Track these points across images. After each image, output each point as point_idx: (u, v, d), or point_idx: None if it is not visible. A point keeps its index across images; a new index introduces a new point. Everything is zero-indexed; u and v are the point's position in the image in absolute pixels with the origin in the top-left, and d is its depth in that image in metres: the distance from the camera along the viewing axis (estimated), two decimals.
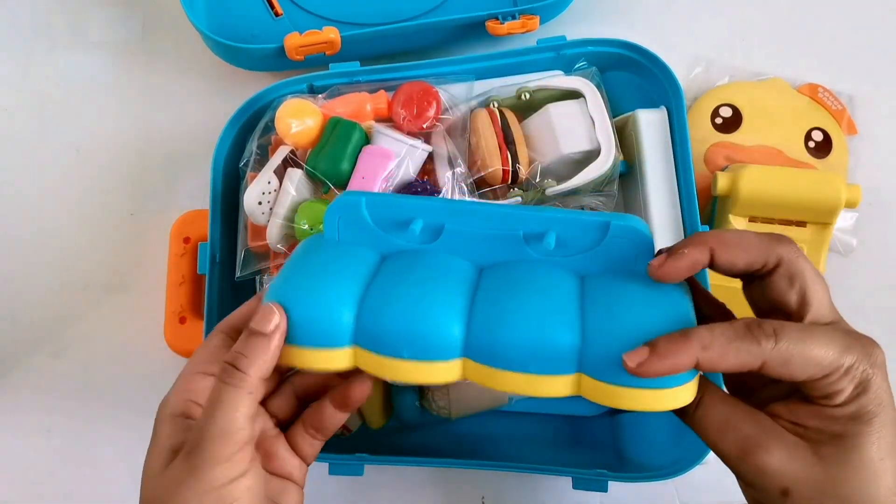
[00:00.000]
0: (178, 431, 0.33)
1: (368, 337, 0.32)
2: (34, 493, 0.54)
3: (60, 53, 0.62)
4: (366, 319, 0.32)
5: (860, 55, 0.62)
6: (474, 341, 0.32)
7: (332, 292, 0.33)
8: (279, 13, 0.61)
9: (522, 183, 0.49)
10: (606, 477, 0.47)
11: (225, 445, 0.31)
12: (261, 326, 0.32)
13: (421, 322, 0.32)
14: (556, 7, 0.59)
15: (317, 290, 0.33)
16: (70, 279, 0.58)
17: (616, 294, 0.32)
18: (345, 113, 0.49)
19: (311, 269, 0.34)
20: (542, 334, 0.31)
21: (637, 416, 0.52)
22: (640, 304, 0.31)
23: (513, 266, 0.34)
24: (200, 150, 0.57)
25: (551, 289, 0.33)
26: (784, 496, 0.29)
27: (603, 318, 0.31)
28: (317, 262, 0.35)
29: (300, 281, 0.34)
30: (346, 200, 0.36)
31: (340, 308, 0.32)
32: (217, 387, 0.32)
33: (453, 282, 0.34)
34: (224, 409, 0.31)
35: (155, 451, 0.33)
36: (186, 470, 0.31)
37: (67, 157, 0.60)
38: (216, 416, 0.31)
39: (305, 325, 0.32)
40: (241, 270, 0.48)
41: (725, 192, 0.53)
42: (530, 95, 0.51)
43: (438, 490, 0.54)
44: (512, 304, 0.32)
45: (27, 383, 0.56)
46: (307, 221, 0.46)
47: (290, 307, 0.32)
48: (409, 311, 0.32)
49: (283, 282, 0.34)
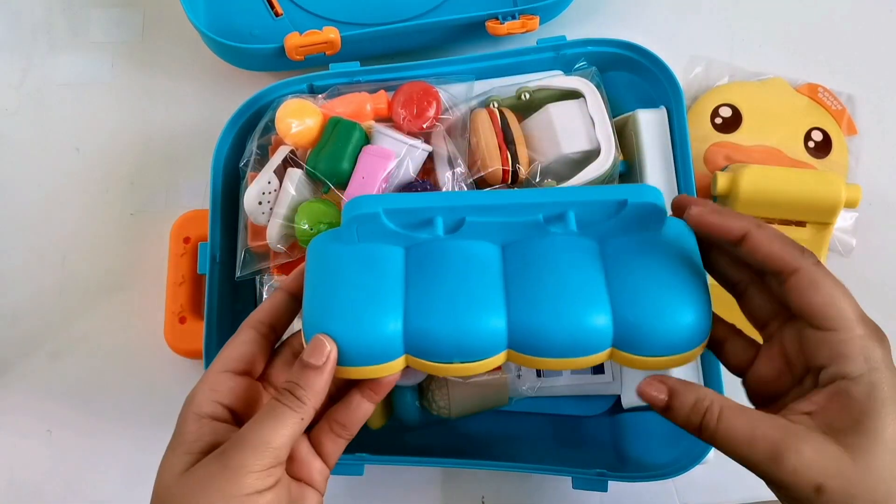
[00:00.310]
0: (205, 433, 0.33)
1: (418, 350, 0.34)
2: (34, 493, 0.54)
3: (60, 53, 0.62)
4: (413, 334, 0.34)
5: (860, 55, 0.62)
6: (516, 336, 0.34)
7: (378, 314, 0.34)
8: (279, 13, 0.61)
9: (522, 183, 0.49)
10: (606, 477, 0.47)
11: (263, 457, 0.31)
12: (314, 360, 0.33)
13: (468, 332, 0.33)
14: (555, 7, 0.59)
15: (361, 313, 0.33)
16: (70, 279, 0.58)
17: (637, 268, 0.34)
18: (345, 113, 0.49)
19: (348, 287, 0.34)
20: (579, 325, 0.33)
21: (637, 416, 0.52)
22: (660, 278, 0.34)
23: (537, 248, 0.35)
24: (200, 150, 0.57)
25: (578, 269, 0.34)
26: (818, 493, 0.29)
27: (629, 299, 0.34)
28: (351, 279, 0.34)
29: (341, 304, 0.34)
30: (363, 213, 0.34)
31: (388, 329, 0.33)
32: (272, 403, 0.33)
33: (487, 276, 0.35)
34: (274, 424, 0.32)
35: (179, 449, 0.33)
36: (218, 471, 0.31)
37: (67, 157, 0.60)
38: (264, 426, 0.32)
39: (356, 349, 0.33)
40: (241, 270, 0.48)
41: (725, 191, 0.53)
42: (530, 95, 0.51)
43: (438, 490, 0.54)
44: (545, 294, 0.34)
45: (27, 383, 0.56)
46: (307, 221, 0.46)
47: (339, 335, 0.33)
48: (454, 322, 0.33)
49: (322, 306, 0.34)
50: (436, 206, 0.35)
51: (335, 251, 0.35)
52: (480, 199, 0.35)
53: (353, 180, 0.47)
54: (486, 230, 0.35)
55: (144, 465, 0.54)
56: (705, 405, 0.31)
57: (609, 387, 0.52)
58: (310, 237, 0.46)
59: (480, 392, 0.48)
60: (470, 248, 0.35)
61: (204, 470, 0.31)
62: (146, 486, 0.54)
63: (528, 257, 0.35)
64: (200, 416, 0.33)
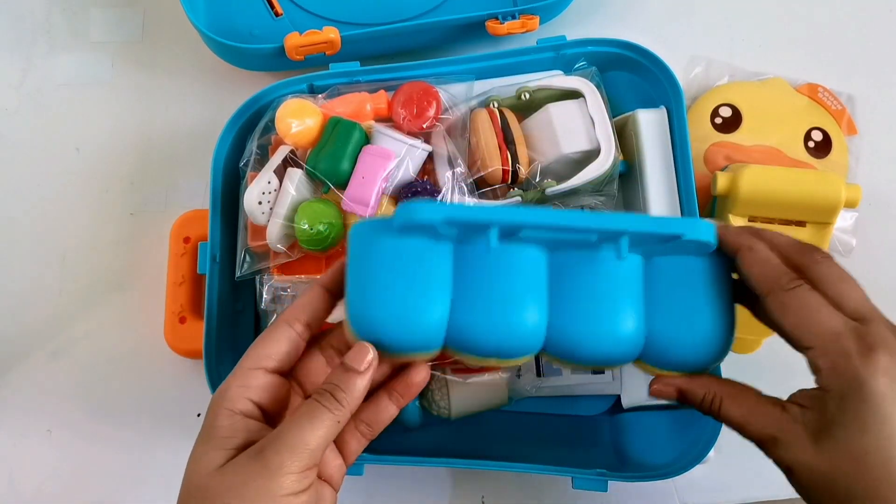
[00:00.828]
0: (238, 429, 0.33)
1: (458, 343, 0.35)
2: (34, 493, 0.54)
3: (60, 53, 0.62)
4: (456, 328, 0.35)
5: (860, 55, 0.62)
6: (552, 341, 0.36)
7: (426, 305, 0.35)
8: (279, 13, 0.61)
9: (522, 183, 0.49)
10: (606, 477, 0.47)
11: (301, 459, 0.31)
12: (356, 364, 0.34)
13: (510, 333, 0.35)
14: (555, 7, 0.59)
15: (409, 303, 0.34)
16: (70, 279, 0.58)
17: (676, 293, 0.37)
18: (345, 113, 0.49)
19: (397, 277, 0.35)
20: (614, 341, 0.36)
21: (637, 416, 0.52)
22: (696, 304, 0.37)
23: (585, 263, 0.37)
24: (200, 150, 0.57)
25: (621, 287, 0.37)
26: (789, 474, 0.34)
27: (664, 320, 0.37)
28: (400, 269, 0.35)
29: (389, 292, 0.34)
30: (422, 221, 0.33)
31: (433, 319, 0.35)
32: (312, 404, 0.33)
33: (533, 281, 0.36)
34: (312, 425, 0.32)
35: (212, 444, 0.33)
36: (257, 471, 0.31)
37: (67, 157, 0.60)
38: (303, 428, 0.32)
39: (398, 335, 0.34)
40: (241, 270, 0.48)
41: (725, 191, 0.53)
42: (530, 95, 0.51)
43: (438, 490, 0.54)
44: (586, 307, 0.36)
45: (27, 383, 0.56)
46: (307, 221, 0.46)
47: (383, 321, 0.34)
48: (498, 321, 0.35)
49: (369, 293, 0.35)
50: (495, 220, 0.35)
51: (384, 242, 0.35)
52: (540, 217, 0.35)
53: (353, 180, 0.47)
54: (536, 238, 0.36)
55: (144, 465, 0.54)
56: (710, 398, 0.36)
57: (609, 387, 0.52)
58: (310, 237, 0.46)
59: (480, 392, 0.48)
60: (519, 253, 0.36)
61: (242, 468, 0.31)
62: (146, 485, 0.54)
63: (574, 269, 0.37)
64: (233, 411, 0.33)
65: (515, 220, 0.35)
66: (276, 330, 0.36)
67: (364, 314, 0.34)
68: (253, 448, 0.32)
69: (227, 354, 0.50)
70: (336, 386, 0.33)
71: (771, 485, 0.54)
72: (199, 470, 0.32)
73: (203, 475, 0.32)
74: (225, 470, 0.32)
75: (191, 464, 0.33)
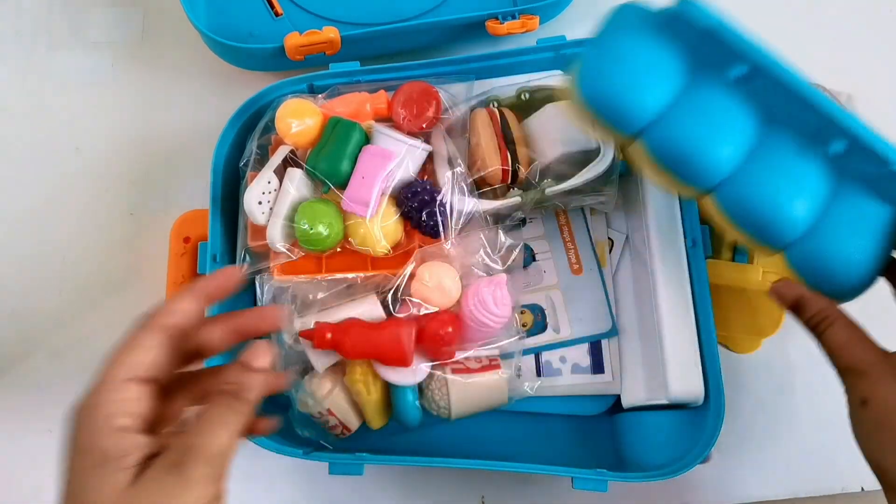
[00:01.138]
0: (127, 446, 0.31)
1: (654, 137, 0.39)
2: (34, 492, 0.54)
3: (60, 53, 0.62)
4: (661, 124, 0.39)
5: (860, 55, 0.62)
6: (728, 188, 0.39)
7: (650, 88, 0.38)
8: (279, 13, 0.61)
9: (522, 183, 0.49)
10: (606, 477, 0.47)
11: (220, 466, 0.31)
12: (255, 361, 0.34)
13: (701, 154, 0.38)
14: (555, 7, 0.59)
15: (637, 82, 0.38)
16: (70, 279, 0.58)
17: (849, 224, 0.39)
18: (345, 113, 0.49)
19: (639, 51, 0.39)
20: (782, 216, 0.38)
21: (637, 416, 0.52)
22: (858, 241, 0.39)
23: (790, 144, 0.39)
24: (200, 150, 0.56)
25: (811, 180, 0.39)
26: (863, 405, 0.36)
27: (824, 239, 0.39)
28: (642, 54, 0.39)
29: (626, 63, 0.38)
30: (700, 14, 0.37)
31: (650, 102, 0.38)
32: (220, 409, 0.32)
33: (742, 127, 0.39)
34: (228, 431, 0.32)
35: (108, 467, 0.30)
36: (179, 484, 0.30)
37: (67, 157, 0.60)
38: (218, 436, 0.31)
39: (615, 101, 0.38)
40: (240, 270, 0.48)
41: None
42: (530, 95, 0.51)
43: (438, 490, 0.54)
44: (776, 177, 0.38)
45: (27, 383, 0.56)
46: (307, 221, 0.46)
47: (612, 85, 0.38)
48: (695, 141, 0.38)
49: (611, 59, 0.39)
50: (757, 60, 0.37)
51: (634, 26, 0.40)
52: (789, 78, 0.37)
53: (352, 180, 0.47)
54: (763, 100, 0.39)
55: None
56: (824, 315, 0.38)
57: (609, 387, 0.52)
58: (310, 237, 0.46)
59: (480, 392, 0.48)
60: (743, 98, 0.39)
61: (159, 483, 0.30)
62: None
63: (779, 143, 0.39)
64: (115, 428, 0.31)
65: (771, 69, 0.38)
66: (146, 337, 0.33)
67: (599, 71, 0.39)
68: (167, 461, 0.30)
69: (226, 354, 0.50)
70: (239, 385, 0.33)
71: (771, 485, 0.54)
72: (107, 491, 0.30)
73: (116, 494, 0.30)
74: (138, 487, 0.30)
75: (90, 491, 0.30)
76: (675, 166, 0.39)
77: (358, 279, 0.48)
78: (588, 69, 0.40)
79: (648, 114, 0.39)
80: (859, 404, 0.36)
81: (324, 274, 0.48)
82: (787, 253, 0.40)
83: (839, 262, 0.39)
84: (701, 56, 0.39)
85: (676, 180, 0.40)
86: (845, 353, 0.37)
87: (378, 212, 0.47)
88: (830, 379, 0.38)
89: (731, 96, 0.39)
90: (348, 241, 0.48)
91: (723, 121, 0.39)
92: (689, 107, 0.39)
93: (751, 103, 0.39)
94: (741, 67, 0.38)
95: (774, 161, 0.39)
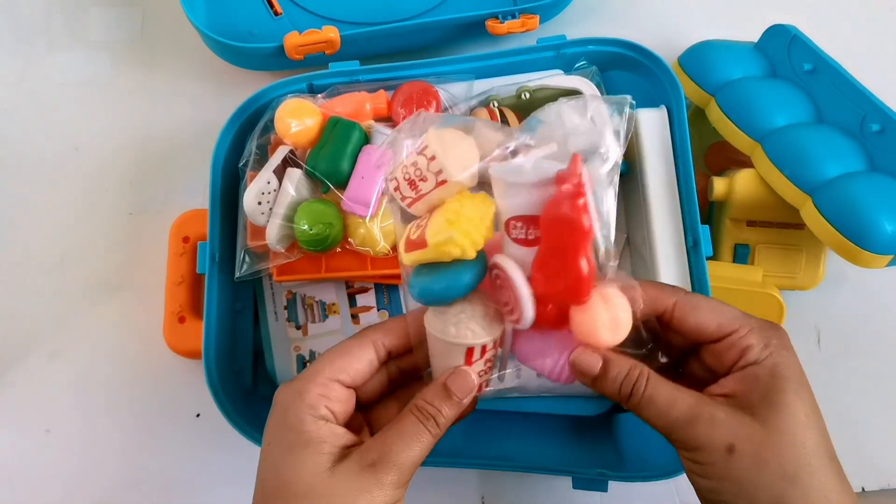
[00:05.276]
0: (324, 435, 0.34)
1: (728, 104, 0.53)
2: (34, 493, 0.54)
3: (60, 53, 0.62)
4: (728, 87, 0.53)
5: (860, 55, 0.62)
6: (774, 138, 0.50)
7: (735, 62, 0.55)
8: (279, 12, 0.61)
9: None
10: (606, 477, 0.47)
11: (406, 475, 0.34)
12: (459, 392, 0.35)
13: (752, 112, 0.52)
14: (555, 6, 0.59)
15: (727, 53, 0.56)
16: (69, 279, 0.58)
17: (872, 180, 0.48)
18: (344, 112, 0.49)
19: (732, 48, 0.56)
20: (815, 171, 0.48)
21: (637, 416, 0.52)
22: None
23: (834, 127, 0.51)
24: (200, 150, 0.56)
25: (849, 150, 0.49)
26: (730, 452, 0.32)
27: (849, 188, 0.47)
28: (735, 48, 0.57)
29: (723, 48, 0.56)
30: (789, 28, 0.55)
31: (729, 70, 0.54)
32: (417, 425, 0.35)
33: (800, 102, 0.52)
34: (421, 447, 0.34)
35: (309, 448, 0.33)
36: (371, 482, 0.33)
37: (66, 157, 0.60)
38: (411, 448, 0.34)
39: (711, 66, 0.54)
40: (240, 270, 0.48)
41: (723, 196, 0.53)
42: (530, 95, 0.51)
43: (438, 490, 0.54)
44: (813, 137, 0.50)
45: (26, 383, 0.56)
46: (307, 221, 0.46)
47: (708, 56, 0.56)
48: (762, 99, 0.52)
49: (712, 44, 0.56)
50: (820, 57, 0.53)
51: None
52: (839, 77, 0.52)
53: (352, 180, 0.47)
54: (819, 92, 0.53)
55: (143, 464, 0.54)
56: (636, 373, 0.34)
57: None
58: (309, 237, 0.46)
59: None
60: (802, 90, 0.53)
61: (355, 476, 0.33)
62: (145, 485, 0.54)
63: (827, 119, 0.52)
64: (317, 417, 0.34)
65: (827, 64, 0.52)
66: (362, 349, 0.37)
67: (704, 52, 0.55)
68: (363, 458, 0.33)
69: (226, 354, 0.50)
70: (438, 410, 0.35)
71: None
72: (307, 470, 0.33)
73: (313, 475, 0.33)
74: (336, 475, 0.33)
75: (290, 465, 0.33)
76: (739, 118, 0.52)
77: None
78: (694, 51, 0.56)
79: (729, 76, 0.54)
80: (725, 453, 0.31)
81: (324, 274, 0.48)
82: (816, 198, 0.47)
83: (860, 205, 0.45)
84: (781, 59, 0.55)
85: (739, 128, 0.52)
86: (679, 406, 0.33)
87: (378, 212, 0.47)
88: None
89: (795, 86, 0.53)
90: (348, 241, 0.48)
91: (780, 90, 0.53)
92: (762, 84, 0.54)
93: (809, 93, 0.53)
94: (808, 64, 0.53)
95: (819, 128, 0.50)
